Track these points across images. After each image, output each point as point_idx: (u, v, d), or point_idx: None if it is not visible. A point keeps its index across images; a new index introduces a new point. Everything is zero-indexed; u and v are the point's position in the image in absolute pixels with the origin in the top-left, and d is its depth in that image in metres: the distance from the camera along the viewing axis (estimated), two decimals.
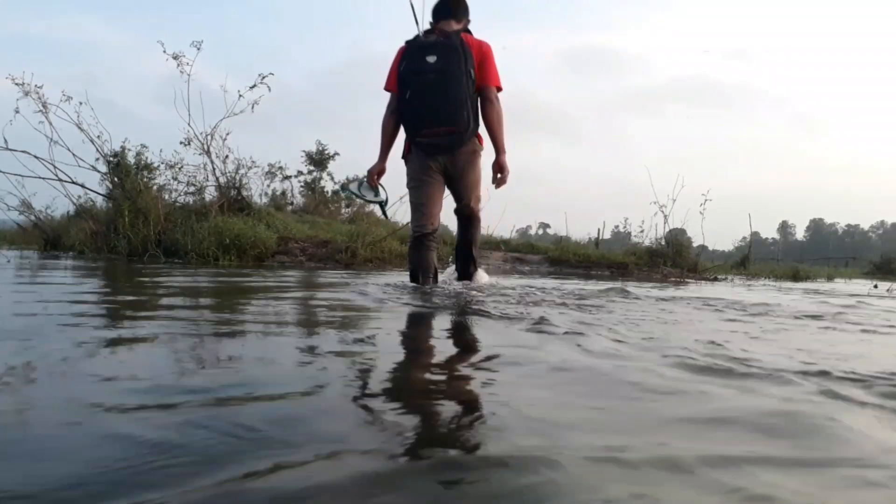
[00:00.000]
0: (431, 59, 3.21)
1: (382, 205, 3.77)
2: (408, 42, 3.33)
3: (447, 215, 3.61)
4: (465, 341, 1.78)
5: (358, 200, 7.95)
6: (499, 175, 3.33)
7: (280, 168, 15.34)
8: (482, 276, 3.61)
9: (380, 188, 3.59)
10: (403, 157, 3.44)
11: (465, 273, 3.52)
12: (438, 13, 3.39)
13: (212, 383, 1.04)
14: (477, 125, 3.33)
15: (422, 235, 3.30)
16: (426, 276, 3.31)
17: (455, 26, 3.37)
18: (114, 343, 1.42)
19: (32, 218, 8.18)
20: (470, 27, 3.42)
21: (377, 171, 3.49)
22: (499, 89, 3.30)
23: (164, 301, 2.47)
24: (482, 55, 3.30)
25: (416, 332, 1.96)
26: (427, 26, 3.38)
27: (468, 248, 3.52)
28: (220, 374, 1.15)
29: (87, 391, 0.98)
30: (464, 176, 3.34)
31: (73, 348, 1.32)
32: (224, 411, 0.88)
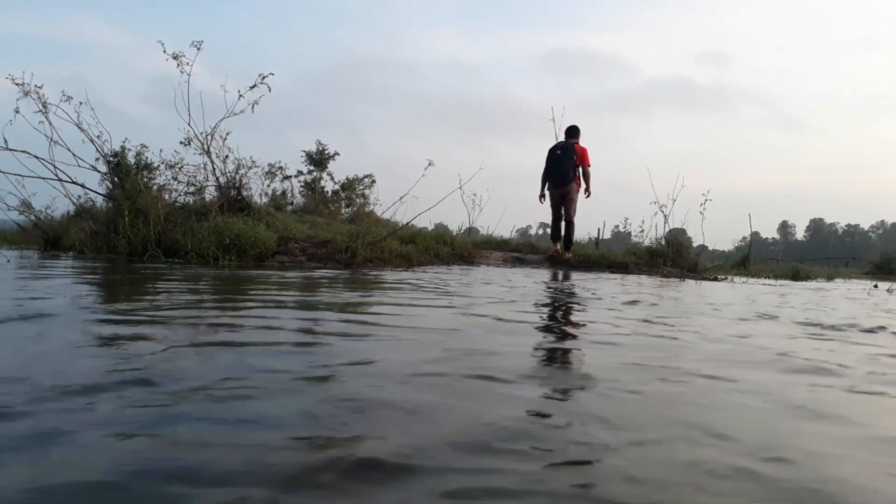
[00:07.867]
0: (558, 152, 8.67)
1: None
2: (552, 146, 8.78)
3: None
4: None
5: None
6: (586, 195, 8.73)
7: (280, 168, 15.34)
8: (569, 253, 8.94)
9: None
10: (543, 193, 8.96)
11: (567, 248, 8.84)
12: (567, 134, 8.85)
13: None
14: (574, 179, 8.52)
15: (555, 219, 8.86)
16: (557, 236, 8.89)
17: (571, 139, 8.70)
18: None
19: (32, 218, 8.16)
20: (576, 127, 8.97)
21: (540, 196, 8.88)
22: (588, 165, 8.68)
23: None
24: (581, 153, 8.54)
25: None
26: (561, 137, 9.04)
27: (569, 237, 8.83)
28: None
29: None
30: (567, 201, 8.63)
31: None
32: None
